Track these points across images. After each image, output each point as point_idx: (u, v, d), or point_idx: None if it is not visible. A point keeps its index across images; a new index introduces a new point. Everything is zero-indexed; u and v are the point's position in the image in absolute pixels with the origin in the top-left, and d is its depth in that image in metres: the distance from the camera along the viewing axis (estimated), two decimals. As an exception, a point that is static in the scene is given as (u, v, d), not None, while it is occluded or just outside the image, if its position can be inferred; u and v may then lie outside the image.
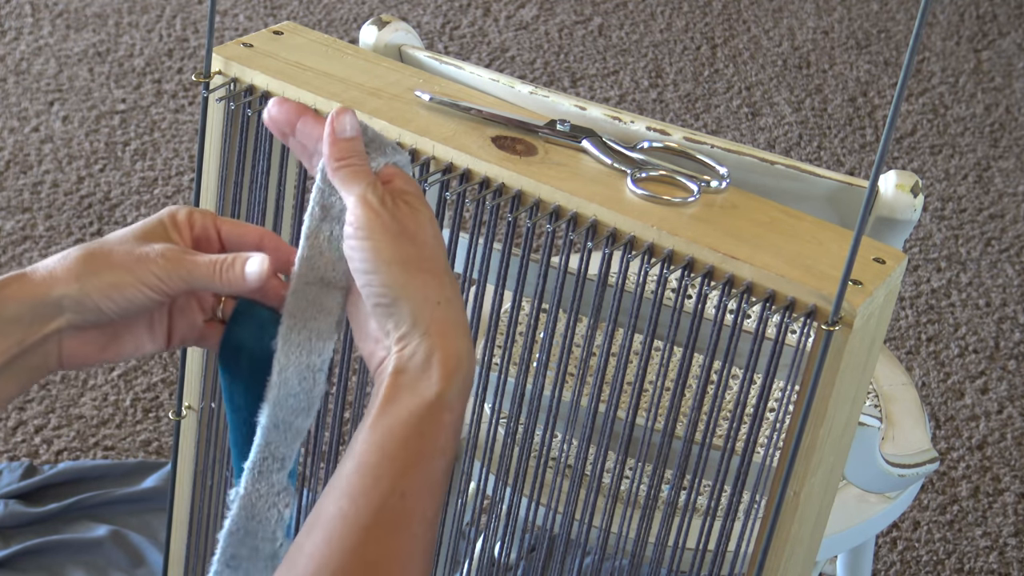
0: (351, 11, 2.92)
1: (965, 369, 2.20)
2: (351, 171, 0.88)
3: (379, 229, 0.85)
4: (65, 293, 0.87)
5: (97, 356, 0.90)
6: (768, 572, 1.08)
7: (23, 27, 2.77)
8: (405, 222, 0.86)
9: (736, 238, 1.02)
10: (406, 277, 0.84)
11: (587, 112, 1.13)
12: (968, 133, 2.76)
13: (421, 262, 0.84)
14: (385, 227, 0.85)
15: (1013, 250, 2.46)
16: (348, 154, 0.88)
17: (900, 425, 1.42)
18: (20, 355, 0.87)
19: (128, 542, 1.79)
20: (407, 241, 0.85)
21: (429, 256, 0.85)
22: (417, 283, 0.84)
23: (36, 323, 0.87)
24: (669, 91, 2.80)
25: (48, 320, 0.87)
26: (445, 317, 0.84)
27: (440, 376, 0.82)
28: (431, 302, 0.84)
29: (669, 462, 1.14)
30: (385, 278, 0.84)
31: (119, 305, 0.88)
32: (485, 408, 1.36)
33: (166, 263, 0.87)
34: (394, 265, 0.84)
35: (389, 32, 1.22)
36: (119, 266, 0.87)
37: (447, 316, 0.84)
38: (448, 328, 0.83)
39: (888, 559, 1.89)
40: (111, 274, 0.87)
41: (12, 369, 0.87)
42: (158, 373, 2.02)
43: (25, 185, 2.35)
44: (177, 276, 0.88)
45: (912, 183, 1.09)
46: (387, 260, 0.84)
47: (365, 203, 0.86)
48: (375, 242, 0.85)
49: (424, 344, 0.83)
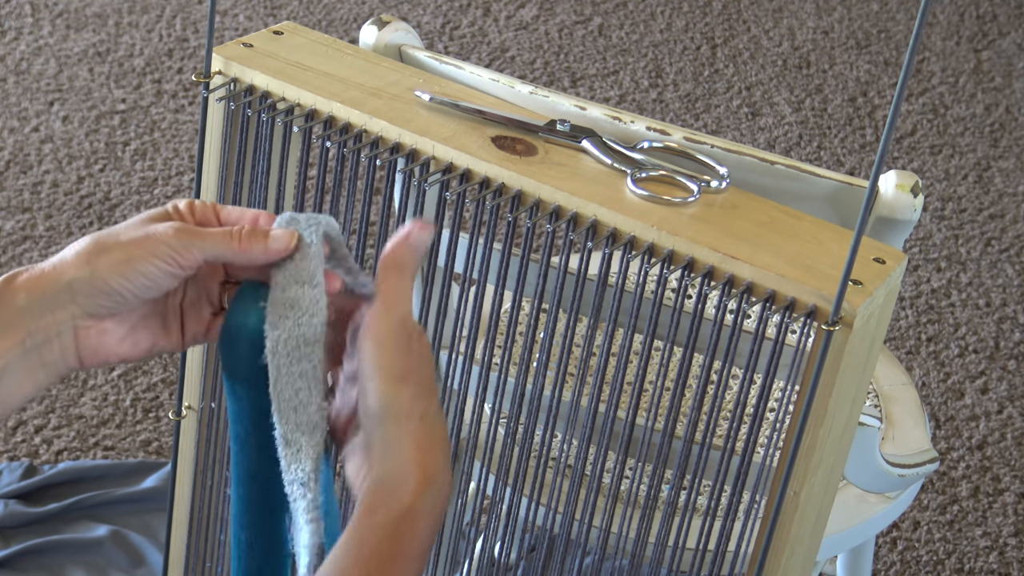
0: (351, 11, 2.92)
1: (965, 369, 2.20)
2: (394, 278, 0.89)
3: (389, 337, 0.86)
4: (76, 276, 0.86)
5: (115, 350, 0.89)
6: (768, 572, 1.08)
7: (23, 27, 2.77)
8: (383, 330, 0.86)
9: (736, 238, 1.02)
10: (395, 389, 0.85)
11: (587, 112, 1.13)
12: (968, 133, 2.76)
13: (408, 374, 0.85)
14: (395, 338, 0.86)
15: (1013, 250, 2.46)
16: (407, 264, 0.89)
17: (900, 425, 1.42)
18: (34, 348, 0.86)
19: (128, 542, 1.79)
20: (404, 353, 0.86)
21: (417, 369, 0.86)
22: (404, 396, 0.85)
23: (47, 312, 0.85)
24: (669, 91, 2.80)
25: (59, 308, 0.86)
26: (425, 431, 0.85)
27: (415, 488, 0.84)
28: (414, 416, 0.85)
29: (669, 462, 1.14)
30: (378, 385, 0.85)
31: (132, 283, 0.86)
32: (485, 408, 1.36)
33: (179, 235, 0.87)
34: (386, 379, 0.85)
35: (389, 32, 1.22)
36: (130, 244, 0.87)
37: (427, 430, 0.85)
38: (426, 442, 0.85)
39: (888, 559, 1.89)
40: (122, 251, 0.86)
41: (27, 363, 0.86)
42: (158, 373, 2.02)
43: (25, 185, 2.35)
44: (192, 246, 0.87)
45: (912, 183, 1.09)
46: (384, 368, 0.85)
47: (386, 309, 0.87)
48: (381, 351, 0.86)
49: (402, 456, 0.84)
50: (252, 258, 0.88)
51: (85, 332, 0.87)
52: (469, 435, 1.23)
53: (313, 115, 1.12)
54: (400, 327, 0.86)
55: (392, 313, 0.87)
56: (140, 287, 0.87)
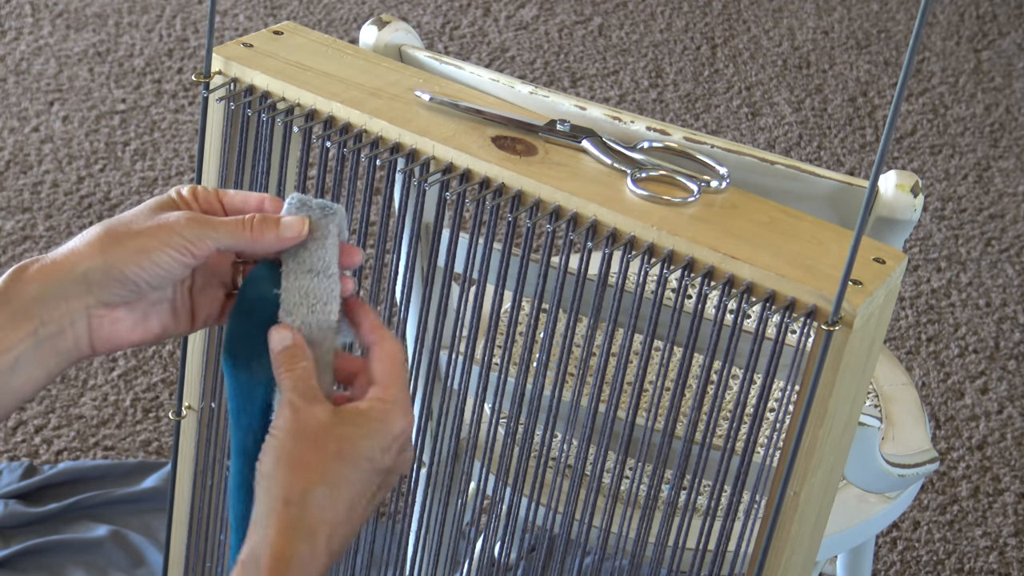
0: (351, 11, 2.92)
1: (965, 369, 2.20)
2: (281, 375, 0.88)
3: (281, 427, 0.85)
4: (90, 267, 0.86)
5: (127, 336, 0.89)
6: (768, 572, 1.08)
7: (23, 27, 2.77)
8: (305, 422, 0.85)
9: (736, 238, 1.02)
10: (276, 472, 0.84)
11: (587, 112, 1.13)
12: (968, 133, 2.76)
13: (298, 461, 0.84)
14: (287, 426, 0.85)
15: (1013, 250, 2.46)
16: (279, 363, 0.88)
17: (900, 425, 1.42)
18: (48, 338, 0.86)
19: (128, 542, 1.79)
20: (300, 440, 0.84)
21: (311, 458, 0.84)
22: (282, 478, 0.84)
23: (62, 302, 0.86)
24: (669, 91, 2.80)
25: (73, 297, 0.86)
26: (290, 518, 0.83)
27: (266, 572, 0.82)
28: (280, 500, 0.83)
29: (669, 462, 1.14)
30: (262, 466, 0.85)
31: (148, 272, 0.87)
32: (485, 408, 1.36)
33: (192, 225, 0.87)
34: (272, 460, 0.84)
35: (389, 32, 1.22)
36: (143, 234, 0.87)
37: (292, 518, 0.83)
38: (288, 530, 0.82)
39: (888, 559, 1.89)
40: (136, 242, 0.86)
41: (40, 352, 0.86)
42: (158, 373, 2.02)
43: (25, 185, 2.35)
44: (206, 236, 0.87)
45: (912, 183, 1.09)
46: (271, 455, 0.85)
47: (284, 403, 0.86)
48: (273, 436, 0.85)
49: (261, 540, 0.83)
50: (265, 247, 0.89)
51: (98, 321, 0.87)
52: (469, 435, 1.23)
53: (313, 115, 1.12)
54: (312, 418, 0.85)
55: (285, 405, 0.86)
56: (154, 276, 0.87)
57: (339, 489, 0.84)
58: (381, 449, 0.86)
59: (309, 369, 0.87)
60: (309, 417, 0.85)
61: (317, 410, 0.85)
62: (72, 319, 0.86)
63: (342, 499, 0.84)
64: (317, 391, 0.87)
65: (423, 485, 1.29)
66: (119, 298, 0.87)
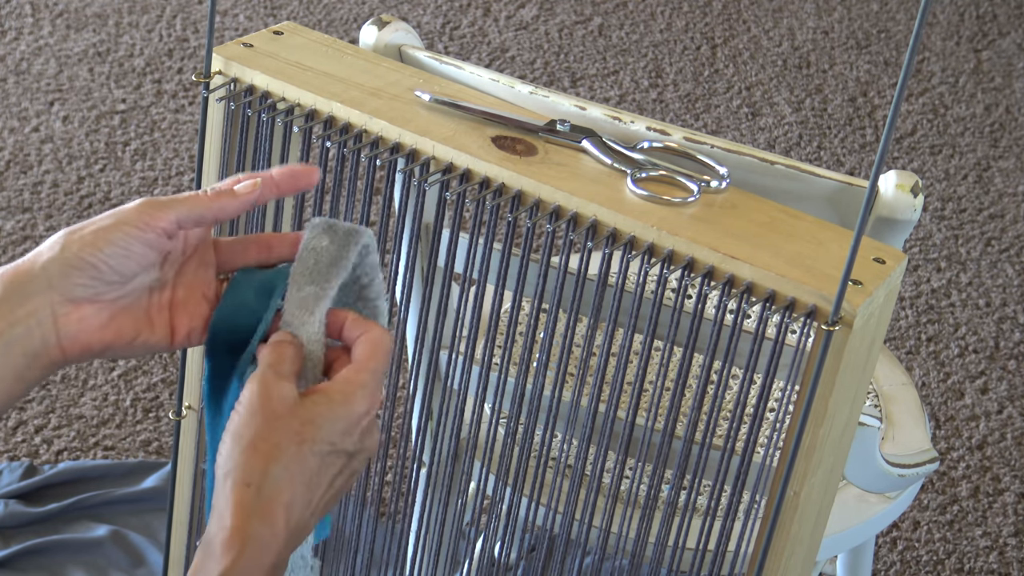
0: (351, 11, 2.92)
1: (965, 369, 2.20)
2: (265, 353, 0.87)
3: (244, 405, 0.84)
4: (49, 259, 0.85)
5: (97, 336, 0.87)
6: (768, 572, 1.08)
7: (23, 27, 2.77)
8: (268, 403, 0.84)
9: (736, 238, 1.02)
10: (234, 451, 0.83)
11: (587, 112, 1.13)
12: (968, 133, 2.76)
13: (257, 441, 0.83)
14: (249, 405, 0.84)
15: (1013, 250, 2.46)
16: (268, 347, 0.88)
17: (900, 425, 1.42)
18: (15, 340, 0.85)
19: (128, 542, 1.79)
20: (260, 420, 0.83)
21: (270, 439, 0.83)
22: (239, 459, 0.83)
23: (26, 301, 0.85)
24: (669, 91, 2.80)
25: (37, 295, 0.85)
26: (247, 500, 0.82)
27: (223, 555, 0.81)
28: (241, 483, 0.82)
29: (669, 462, 1.14)
30: (220, 445, 0.84)
31: (106, 254, 0.85)
32: (485, 408, 1.36)
33: (148, 203, 0.87)
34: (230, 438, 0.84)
35: (389, 32, 1.22)
36: (99, 220, 0.86)
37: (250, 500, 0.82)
38: (245, 512, 0.82)
39: (888, 559, 1.89)
40: (93, 227, 0.86)
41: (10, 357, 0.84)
42: (158, 373, 2.02)
43: (25, 185, 2.35)
44: (162, 208, 0.86)
45: (912, 183, 1.09)
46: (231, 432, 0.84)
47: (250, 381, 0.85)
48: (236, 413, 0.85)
49: (219, 522, 0.82)
50: (223, 209, 0.88)
51: (65, 319, 0.86)
52: (469, 435, 1.23)
53: (313, 115, 1.12)
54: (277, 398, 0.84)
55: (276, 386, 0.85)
56: (113, 256, 0.86)
57: (297, 471, 0.83)
58: (342, 432, 0.85)
59: (291, 353, 0.86)
60: (274, 394, 0.84)
61: (284, 388, 0.84)
62: (38, 318, 0.85)
63: (300, 481, 0.83)
64: (291, 373, 0.85)
65: (423, 485, 1.29)
66: (81, 289, 0.86)
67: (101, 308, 0.87)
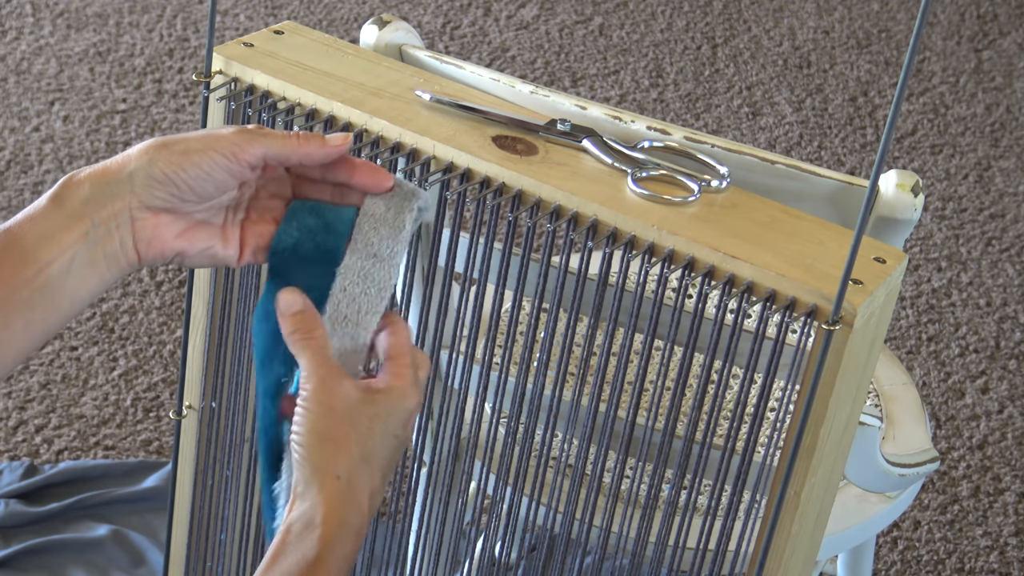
0: (352, 11, 2.92)
1: (966, 369, 2.20)
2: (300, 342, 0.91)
3: (314, 400, 0.89)
4: (136, 168, 0.89)
5: (170, 243, 0.91)
6: (768, 572, 1.08)
7: (24, 27, 2.77)
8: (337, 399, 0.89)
9: (737, 237, 1.02)
10: (319, 446, 0.88)
11: (588, 112, 1.13)
12: (969, 133, 2.76)
13: (339, 437, 0.88)
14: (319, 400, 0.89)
15: (1014, 250, 2.46)
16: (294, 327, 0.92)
17: (901, 425, 1.42)
18: (98, 240, 0.88)
19: (129, 542, 1.79)
20: (336, 416, 0.89)
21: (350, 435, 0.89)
22: (326, 454, 0.88)
23: (109, 203, 0.88)
24: (670, 91, 2.80)
25: (119, 198, 0.89)
26: (340, 490, 0.88)
27: (320, 538, 0.86)
28: (331, 474, 0.88)
29: (669, 462, 1.14)
30: (302, 439, 0.89)
31: (190, 174, 0.89)
32: (486, 408, 1.36)
33: (240, 132, 0.90)
34: (312, 434, 0.89)
35: (390, 32, 1.22)
36: (191, 139, 0.90)
37: (342, 490, 0.88)
38: (339, 500, 0.88)
39: (889, 559, 1.89)
40: (182, 145, 0.89)
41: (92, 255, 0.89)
42: (159, 373, 2.02)
43: (26, 185, 2.35)
44: (252, 142, 0.90)
45: (913, 183, 1.09)
46: (310, 428, 0.89)
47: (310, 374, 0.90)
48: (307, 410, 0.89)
49: (313, 508, 0.87)
50: (310, 154, 0.92)
51: (142, 223, 0.90)
52: (470, 435, 1.23)
53: (314, 115, 1.12)
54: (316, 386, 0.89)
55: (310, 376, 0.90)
56: (196, 179, 0.90)
57: (375, 463, 0.90)
58: (402, 425, 0.92)
59: (325, 338, 0.91)
60: (340, 394, 0.89)
61: (346, 387, 0.90)
62: (117, 221, 0.89)
63: (378, 470, 0.90)
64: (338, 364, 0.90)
65: (423, 485, 1.29)
66: (161, 201, 0.90)
67: (177, 218, 0.92)
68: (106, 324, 2.09)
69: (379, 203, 0.94)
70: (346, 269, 0.93)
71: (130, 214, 0.89)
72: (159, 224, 0.91)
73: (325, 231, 0.94)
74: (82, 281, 0.89)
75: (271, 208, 0.96)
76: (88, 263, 0.89)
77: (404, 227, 0.94)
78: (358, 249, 0.93)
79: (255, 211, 0.95)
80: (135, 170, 0.89)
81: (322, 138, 0.93)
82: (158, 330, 2.09)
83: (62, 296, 0.88)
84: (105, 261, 0.90)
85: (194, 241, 0.93)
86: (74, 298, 0.89)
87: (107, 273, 0.90)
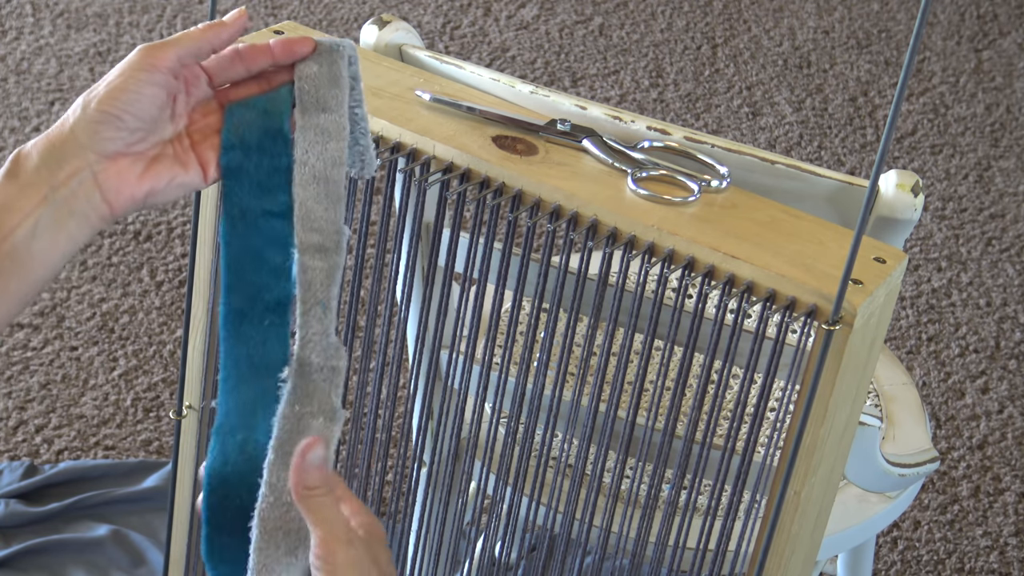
0: (351, 11, 2.92)
1: (966, 369, 2.20)
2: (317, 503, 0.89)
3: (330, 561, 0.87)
4: (74, 122, 0.91)
5: (137, 186, 0.93)
6: (768, 572, 1.08)
7: (24, 27, 2.77)
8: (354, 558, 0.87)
9: (736, 237, 1.02)
10: None
11: (588, 112, 1.13)
12: (969, 133, 2.76)
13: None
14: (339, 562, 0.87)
15: (1014, 250, 2.46)
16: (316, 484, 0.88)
17: (901, 425, 1.42)
18: (61, 202, 0.90)
19: (129, 542, 1.79)
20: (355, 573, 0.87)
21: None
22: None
23: (64, 164, 0.90)
24: (670, 91, 2.80)
25: (73, 157, 0.91)
26: None
27: None
28: None
29: (670, 462, 1.14)
30: None
31: (122, 101, 0.91)
32: (486, 408, 1.36)
33: (148, 46, 0.93)
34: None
35: (390, 32, 1.22)
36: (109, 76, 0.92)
37: None
38: None
39: (889, 559, 1.89)
40: (103, 83, 0.92)
41: (57, 217, 0.90)
42: (159, 372, 2.02)
43: (26, 185, 2.35)
44: (162, 48, 0.92)
45: (912, 183, 1.09)
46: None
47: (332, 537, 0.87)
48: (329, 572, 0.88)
49: None
50: (217, 36, 0.94)
51: (104, 174, 0.92)
52: (470, 435, 1.23)
53: (313, 115, 1.12)
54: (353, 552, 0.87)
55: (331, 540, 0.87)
56: (130, 103, 0.92)
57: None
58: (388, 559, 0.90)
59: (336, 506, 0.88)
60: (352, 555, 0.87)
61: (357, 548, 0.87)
62: (79, 179, 0.91)
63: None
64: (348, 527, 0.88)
65: (423, 485, 1.29)
66: (111, 143, 0.91)
67: (135, 160, 0.93)
68: (106, 324, 2.09)
69: (310, 64, 0.96)
70: (302, 130, 0.94)
71: (91, 169, 0.91)
72: (120, 170, 0.92)
73: (265, 115, 0.96)
74: (51, 244, 0.91)
75: (211, 124, 0.98)
76: (53, 225, 0.91)
77: (341, 75, 0.95)
78: (307, 109, 0.94)
79: (198, 133, 0.97)
80: (74, 124, 0.91)
81: (221, 20, 0.95)
82: (158, 330, 2.09)
83: (32, 261, 0.90)
84: (73, 220, 0.91)
85: (158, 176, 0.94)
86: (46, 262, 0.91)
87: (77, 232, 0.92)
